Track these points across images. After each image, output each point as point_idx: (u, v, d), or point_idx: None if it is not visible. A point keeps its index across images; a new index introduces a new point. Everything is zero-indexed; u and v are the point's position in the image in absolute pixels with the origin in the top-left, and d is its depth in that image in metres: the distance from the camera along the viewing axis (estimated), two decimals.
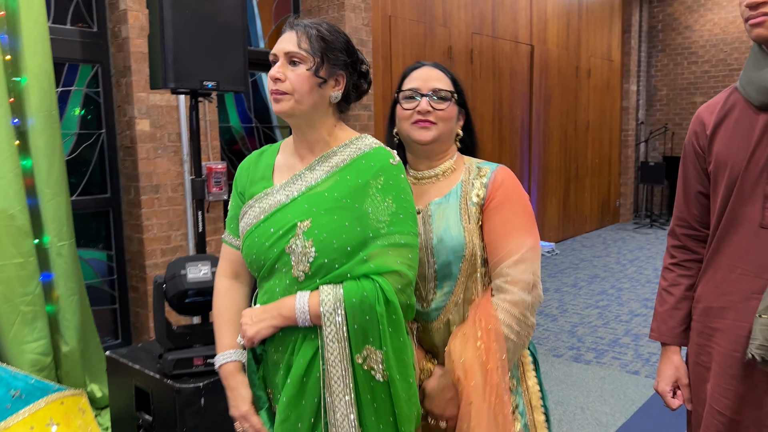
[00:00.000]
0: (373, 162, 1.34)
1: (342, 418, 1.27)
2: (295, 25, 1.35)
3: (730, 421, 1.37)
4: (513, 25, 6.95)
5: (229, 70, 2.49)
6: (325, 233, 1.28)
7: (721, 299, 1.40)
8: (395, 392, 1.29)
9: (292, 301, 1.29)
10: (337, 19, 4.69)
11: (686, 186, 1.52)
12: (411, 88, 1.46)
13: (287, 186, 1.38)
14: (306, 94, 1.32)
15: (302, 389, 1.30)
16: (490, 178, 1.46)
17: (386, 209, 1.31)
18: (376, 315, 1.26)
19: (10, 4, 2.82)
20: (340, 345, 1.27)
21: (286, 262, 1.31)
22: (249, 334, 1.31)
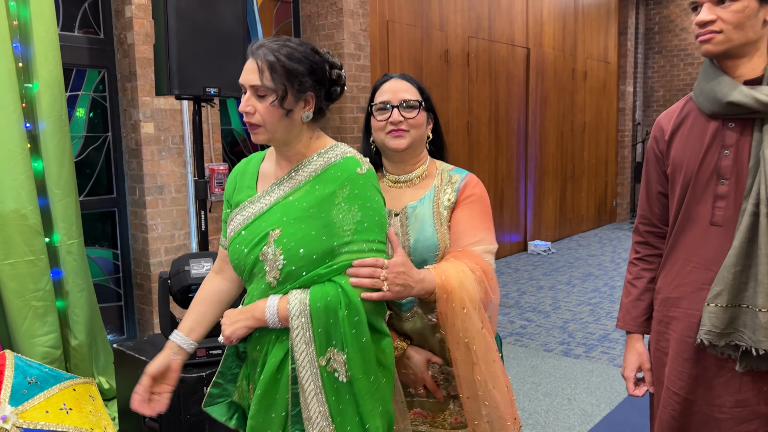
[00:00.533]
0: (340, 172, 1.40)
1: (316, 415, 1.36)
2: (255, 53, 1.37)
3: (685, 401, 1.50)
4: (509, 28, 7.08)
5: (231, 77, 2.63)
6: (292, 242, 1.36)
7: (677, 290, 1.53)
8: (358, 390, 1.36)
9: (263, 304, 1.38)
10: (335, 25, 4.83)
11: (648, 187, 1.65)
12: (382, 101, 1.58)
13: (266, 195, 1.46)
14: (276, 123, 1.38)
15: (275, 385, 1.39)
16: (459, 184, 1.62)
17: (352, 218, 1.37)
18: (339, 319, 1.33)
19: (22, 14, 2.97)
20: (307, 347, 1.35)
21: (261, 268, 1.40)
22: (226, 334, 1.41)
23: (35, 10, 2.95)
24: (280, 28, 4.91)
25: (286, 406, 1.40)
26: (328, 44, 4.87)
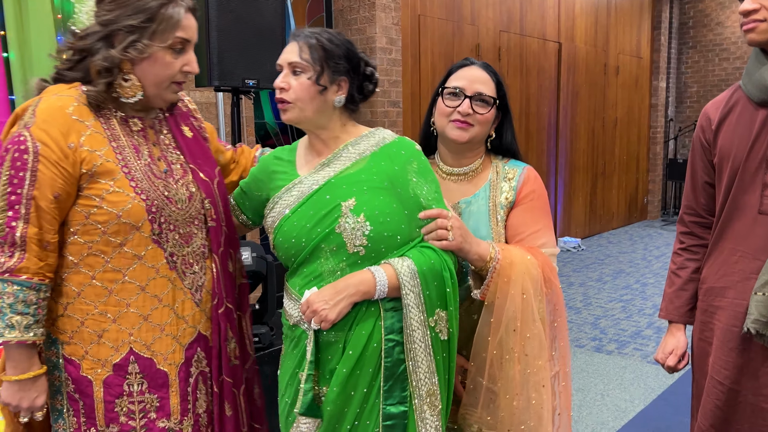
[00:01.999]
0: (403, 150, 1.46)
1: (424, 376, 1.38)
2: (297, 36, 1.43)
3: (729, 390, 1.49)
4: (541, 22, 7.02)
5: (268, 69, 2.66)
6: (375, 209, 1.38)
7: (723, 280, 1.52)
8: (452, 346, 1.42)
9: (368, 275, 1.36)
10: (368, 19, 4.85)
11: (694, 177, 1.64)
12: (456, 86, 1.52)
13: (315, 174, 1.46)
14: (308, 101, 1.40)
15: (361, 359, 1.38)
16: (518, 180, 1.55)
17: (429, 190, 1.44)
18: (443, 280, 1.39)
19: (66, 8, 3.04)
20: (419, 310, 1.37)
21: (336, 240, 1.38)
22: (332, 317, 1.35)
23: (79, 3, 3.01)
24: (312, 22, 4.95)
25: (368, 382, 1.40)
26: (360, 38, 4.89)
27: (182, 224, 1.46)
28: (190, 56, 1.43)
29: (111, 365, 1.41)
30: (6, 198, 1.32)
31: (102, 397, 1.41)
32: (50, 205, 1.33)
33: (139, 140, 1.45)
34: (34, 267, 1.33)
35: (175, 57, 1.40)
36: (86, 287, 1.40)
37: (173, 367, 1.45)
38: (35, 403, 1.38)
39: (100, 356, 1.41)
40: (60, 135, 1.33)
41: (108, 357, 1.41)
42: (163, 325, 1.45)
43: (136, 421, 1.43)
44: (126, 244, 1.39)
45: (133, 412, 1.43)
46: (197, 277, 1.50)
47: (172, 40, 1.38)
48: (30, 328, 1.34)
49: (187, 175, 1.50)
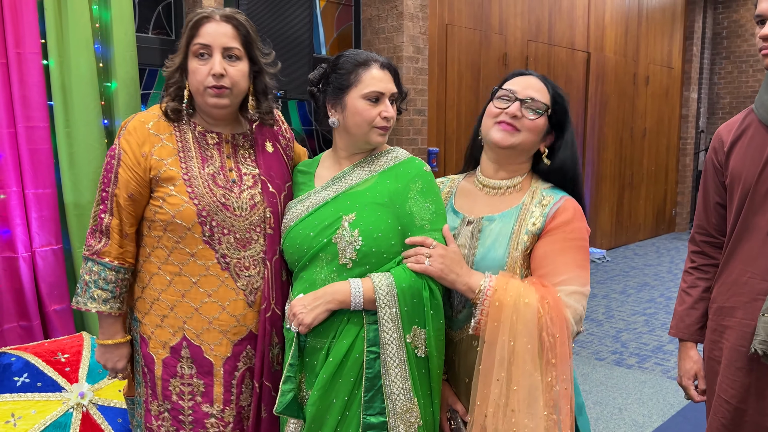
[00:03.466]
0: (410, 169, 1.54)
1: (398, 392, 1.43)
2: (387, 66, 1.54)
3: (736, 409, 1.50)
4: (569, 32, 7.01)
5: (296, 80, 2.74)
6: (370, 225, 1.46)
7: (732, 300, 1.54)
8: (432, 367, 1.46)
9: (345, 286, 1.44)
10: (395, 28, 4.91)
11: (706, 197, 1.66)
12: (509, 89, 1.47)
13: (327, 187, 1.57)
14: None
15: (341, 368, 1.46)
16: (551, 209, 1.43)
17: (427, 210, 1.49)
18: (422, 299, 1.43)
19: (103, 17, 3.16)
20: (395, 325, 1.43)
21: (332, 251, 1.47)
22: (307, 321, 1.44)
23: (116, 13, 3.13)
24: (341, 31, 5.03)
25: (349, 391, 1.46)
26: (388, 47, 4.95)
27: (240, 230, 1.59)
28: (214, 61, 1.55)
29: (169, 348, 1.59)
30: (99, 193, 1.61)
31: (161, 374, 1.61)
32: (126, 202, 1.58)
33: (213, 152, 1.62)
34: (115, 252, 1.59)
35: (202, 64, 1.55)
36: (155, 276, 1.60)
37: (219, 359, 1.58)
38: (117, 365, 1.66)
39: (161, 338, 1.60)
40: (137, 145, 1.57)
41: (167, 340, 1.59)
42: (211, 319, 1.58)
43: (185, 402, 1.59)
44: (181, 241, 1.56)
45: (183, 393, 1.59)
46: (253, 279, 1.60)
47: (194, 47, 1.55)
48: (107, 302, 1.60)
49: (257, 186, 1.63)
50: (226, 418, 1.59)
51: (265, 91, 1.68)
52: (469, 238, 1.50)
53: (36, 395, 2.01)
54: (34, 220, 2.91)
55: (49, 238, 2.95)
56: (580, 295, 1.39)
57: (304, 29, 2.79)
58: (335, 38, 4.96)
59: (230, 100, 1.58)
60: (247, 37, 1.59)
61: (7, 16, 2.76)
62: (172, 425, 1.60)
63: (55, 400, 2.02)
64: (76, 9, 2.96)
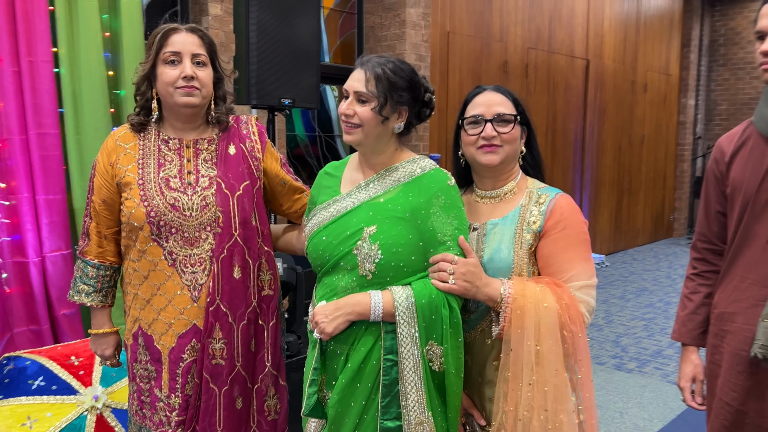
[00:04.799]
0: (434, 183, 1.53)
1: (413, 404, 1.46)
2: (365, 64, 1.53)
3: (737, 412, 1.55)
4: (569, 40, 7.08)
5: (303, 89, 2.79)
6: (390, 240, 1.48)
7: (733, 305, 1.59)
8: (449, 383, 1.49)
9: (366, 298, 1.47)
10: (398, 36, 4.98)
11: (707, 206, 1.71)
12: (475, 114, 1.54)
13: (351, 195, 1.58)
14: (372, 127, 1.51)
15: (359, 374, 1.50)
16: (548, 206, 1.51)
17: (449, 225, 1.50)
18: (441, 316, 1.45)
19: (113, 25, 3.21)
20: (412, 339, 1.46)
21: (351, 261, 1.50)
22: (328, 330, 1.48)
23: (125, 21, 3.18)
24: (344, 38, 5.09)
25: (367, 396, 1.50)
26: (389, 54, 5.01)
27: (188, 229, 1.70)
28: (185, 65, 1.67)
29: (131, 335, 1.76)
30: (86, 201, 1.81)
31: (129, 358, 1.80)
32: (101, 207, 1.76)
33: (173, 157, 1.74)
34: (95, 251, 1.79)
35: (172, 68, 1.67)
36: (125, 272, 1.80)
37: (165, 348, 1.71)
38: (105, 353, 1.86)
39: (128, 326, 1.79)
40: (107, 156, 1.76)
41: (130, 327, 1.76)
42: (159, 311, 1.71)
43: (144, 384, 1.74)
44: (136, 240, 1.71)
45: (143, 376, 1.75)
46: (198, 276, 1.71)
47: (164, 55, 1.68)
48: (89, 295, 1.80)
49: (211, 187, 1.72)
50: (172, 403, 1.71)
51: (224, 97, 1.82)
52: (475, 242, 1.56)
53: (51, 398, 2.05)
54: (45, 226, 2.95)
55: (59, 243, 2.99)
56: (590, 288, 1.48)
57: (312, 39, 2.85)
58: (338, 46, 5.02)
59: (199, 100, 1.69)
60: (211, 46, 1.74)
61: (20, 25, 2.81)
62: (138, 405, 1.78)
63: (70, 403, 2.06)
64: (87, 18, 3.01)
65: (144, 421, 1.75)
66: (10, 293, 2.87)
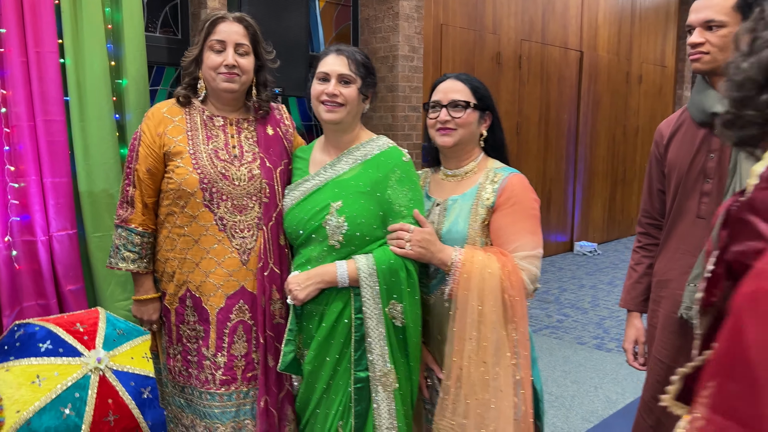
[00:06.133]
0: (390, 159, 1.74)
1: (377, 357, 1.68)
2: (342, 52, 1.74)
3: (668, 368, 1.73)
4: (563, 32, 7.22)
5: (294, 79, 2.97)
6: (354, 212, 1.68)
7: (668, 273, 1.77)
8: (409, 335, 1.70)
9: (332, 268, 1.68)
10: (391, 28, 5.13)
11: (650, 185, 1.88)
12: (434, 100, 1.74)
13: (318, 175, 1.79)
14: (355, 105, 1.74)
15: (333, 331, 1.71)
16: (500, 184, 1.67)
17: (404, 196, 1.71)
18: (399, 278, 1.66)
19: (115, 18, 3.39)
20: (374, 301, 1.67)
21: (322, 233, 1.71)
22: (300, 297, 1.70)
23: (127, 14, 3.36)
24: (339, 30, 5.25)
25: (339, 350, 1.71)
26: (384, 46, 5.17)
27: (237, 197, 1.83)
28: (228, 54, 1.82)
29: (177, 298, 1.86)
30: (125, 170, 1.91)
31: (174, 321, 1.90)
32: (145, 175, 1.86)
33: (218, 132, 1.88)
34: (139, 219, 1.88)
35: (217, 56, 1.82)
36: (166, 239, 1.89)
37: (213, 309, 1.83)
38: (151, 317, 1.93)
39: (172, 291, 1.86)
40: (153, 126, 1.86)
41: (175, 291, 1.86)
42: (208, 273, 1.82)
43: (191, 344, 1.86)
44: (186, 206, 1.81)
45: (189, 337, 1.86)
46: (247, 241, 1.84)
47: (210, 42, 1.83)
48: (135, 262, 1.89)
49: (255, 162, 1.88)
50: (218, 362, 1.83)
51: (266, 83, 1.95)
52: (437, 216, 1.75)
53: (58, 359, 2.24)
54: (51, 207, 3.14)
55: (65, 223, 3.18)
56: (533, 258, 1.64)
57: (301, 32, 3.02)
58: (334, 37, 5.18)
59: (238, 86, 1.85)
60: (254, 36, 1.88)
61: (27, 17, 2.99)
62: (183, 365, 1.87)
63: (75, 364, 2.25)
64: (90, 11, 3.19)
65: (189, 380, 1.86)
66: (20, 270, 3.07)
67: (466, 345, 1.58)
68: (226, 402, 1.84)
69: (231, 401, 1.85)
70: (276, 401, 1.86)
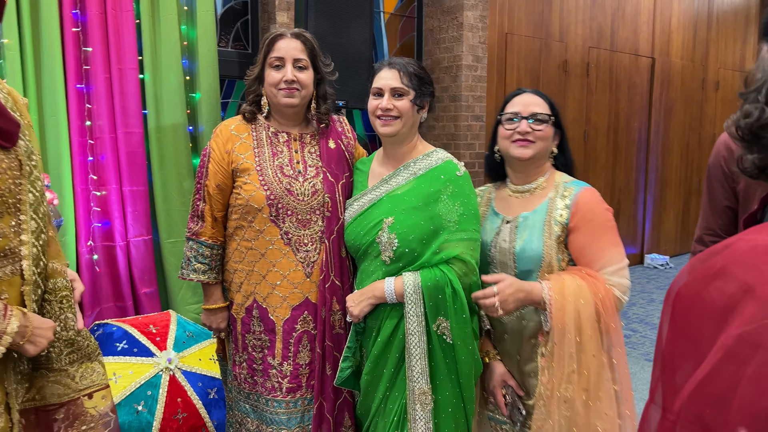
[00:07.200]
0: (443, 174, 1.76)
1: (417, 375, 1.70)
2: (394, 65, 1.79)
3: None
4: (633, 38, 7.03)
5: (357, 92, 3.04)
6: (404, 228, 1.71)
7: None
8: (458, 354, 1.70)
9: (381, 285, 1.73)
10: (455, 38, 5.16)
11: (714, 200, 1.82)
12: (513, 111, 1.72)
13: (375, 189, 1.83)
14: (409, 117, 1.77)
15: (389, 345, 1.75)
16: (572, 200, 1.65)
17: (455, 212, 1.72)
18: (445, 295, 1.68)
19: (190, 35, 3.57)
20: (417, 319, 1.69)
21: (376, 248, 1.76)
22: (355, 313, 1.76)
23: (201, 31, 3.53)
24: (404, 41, 5.32)
25: (395, 364, 1.74)
26: (448, 56, 5.20)
27: (301, 212, 1.88)
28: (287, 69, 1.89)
29: (244, 309, 1.92)
30: (195, 185, 1.98)
31: (240, 330, 1.96)
32: (214, 191, 1.92)
33: (282, 148, 1.94)
34: (209, 232, 1.94)
35: (276, 72, 1.89)
36: (234, 251, 1.92)
37: (280, 319, 1.89)
38: (220, 326, 1.99)
39: (239, 301, 1.92)
40: (222, 144, 1.93)
41: (242, 302, 1.91)
42: (275, 285, 1.88)
43: (257, 353, 1.91)
44: (254, 221, 1.87)
45: (255, 346, 1.92)
46: (310, 254, 1.90)
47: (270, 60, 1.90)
48: (205, 273, 1.95)
49: (318, 176, 1.93)
50: (284, 371, 1.89)
51: (325, 96, 2.01)
52: (508, 234, 1.72)
53: (132, 359, 2.38)
54: (129, 214, 3.33)
55: (141, 229, 3.37)
56: (622, 270, 1.62)
57: (365, 44, 3.10)
58: (398, 48, 5.25)
59: (299, 100, 1.91)
60: (312, 50, 1.95)
61: (111, 36, 3.20)
62: (248, 372, 1.94)
63: (148, 363, 2.39)
64: (168, 29, 3.37)
65: (255, 387, 1.92)
66: (100, 273, 3.27)
67: (566, 374, 1.56)
68: (292, 409, 1.91)
69: (296, 408, 1.91)
70: (333, 407, 1.92)
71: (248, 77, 1.97)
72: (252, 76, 1.96)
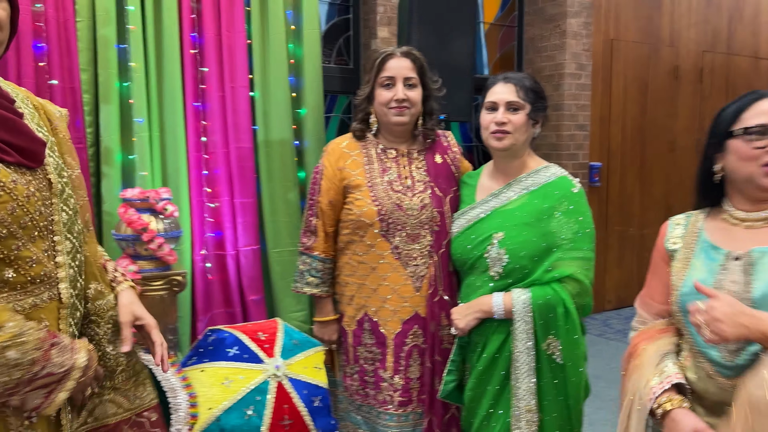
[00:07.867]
0: (558, 190, 1.72)
1: (524, 394, 1.67)
2: (510, 79, 1.77)
3: None
4: (752, 40, 6.57)
5: (457, 104, 3.04)
6: (515, 245, 1.69)
7: None
8: (568, 375, 1.65)
9: (489, 300, 1.71)
10: (557, 46, 5.04)
11: None
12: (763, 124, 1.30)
13: (484, 203, 1.81)
14: (522, 132, 1.76)
15: (494, 362, 1.73)
16: None
17: (569, 229, 1.68)
18: (556, 314, 1.64)
19: (297, 53, 3.71)
20: (526, 336, 1.66)
21: (483, 263, 1.74)
22: (461, 326, 1.75)
23: (307, 49, 3.66)
24: (504, 51, 5.26)
25: (500, 381, 1.72)
26: (549, 65, 5.08)
27: (411, 227, 1.91)
28: (397, 89, 1.92)
29: (355, 321, 1.97)
30: (308, 201, 2.04)
31: (351, 343, 2.00)
32: (327, 207, 1.98)
33: (391, 164, 1.98)
34: (321, 247, 2.00)
35: (387, 91, 1.93)
36: (345, 264, 1.97)
37: (391, 333, 1.92)
38: (331, 338, 2.07)
39: (350, 314, 1.97)
40: (334, 161, 2.00)
41: (354, 315, 1.96)
42: (385, 299, 1.91)
43: (368, 365, 1.95)
44: (365, 236, 1.92)
45: (367, 358, 1.95)
46: (419, 269, 1.92)
47: (380, 79, 1.94)
48: (318, 286, 2.02)
49: (427, 191, 1.96)
50: (396, 384, 1.91)
51: (432, 112, 2.03)
52: (739, 274, 1.32)
53: (243, 364, 2.49)
54: (239, 225, 3.49)
55: (250, 240, 3.53)
56: None
57: (466, 56, 3.09)
58: (498, 58, 5.20)
59: (408, 119, 1.94)
60: (421, 68, 1.97)
61: (225, 57, 3.38)
62: (360, 384, 1.98)
63: (257, 369, 2.48)
64: (276, 48, 3.52)
65: (367, 399, 1.97)
66: (212, 280, 3.46)
67: None
68: (403, 422, 1.92)
69: (408, 421, 1.93)
70: (441, 422, 1.91)
71: (358, 97, 2.02)
72: (362, 96, 2.00)
